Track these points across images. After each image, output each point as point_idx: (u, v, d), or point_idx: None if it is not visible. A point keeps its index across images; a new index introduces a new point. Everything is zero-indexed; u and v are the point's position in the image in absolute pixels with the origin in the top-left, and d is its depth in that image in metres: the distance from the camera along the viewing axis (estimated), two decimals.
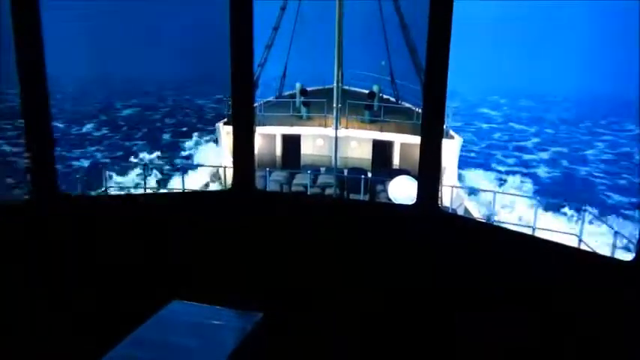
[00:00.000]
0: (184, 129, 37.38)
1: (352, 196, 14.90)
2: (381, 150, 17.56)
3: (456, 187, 15.16)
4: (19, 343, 3.88)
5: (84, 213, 4.50)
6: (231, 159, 4.66)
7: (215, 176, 17.20)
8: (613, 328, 3.58)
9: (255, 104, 17.07)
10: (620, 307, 3.55)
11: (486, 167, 30.44)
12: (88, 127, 37.77)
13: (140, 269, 4.35)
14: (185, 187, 13.09)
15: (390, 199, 14.02)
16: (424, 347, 4.03)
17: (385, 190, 14.88)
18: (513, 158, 34.26)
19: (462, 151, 17.87)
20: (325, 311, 4.19)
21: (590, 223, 12.60)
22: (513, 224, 11.22)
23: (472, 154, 33.06)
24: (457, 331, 4.00)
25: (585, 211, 10.75)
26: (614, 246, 8.06)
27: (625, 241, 8.04)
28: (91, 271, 4.29)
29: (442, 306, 4.10)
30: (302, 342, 3.96)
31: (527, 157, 34.86)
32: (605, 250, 6.85)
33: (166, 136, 35.90)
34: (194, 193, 12.11)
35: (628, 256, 3.65)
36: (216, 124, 18.63)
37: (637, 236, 3.41)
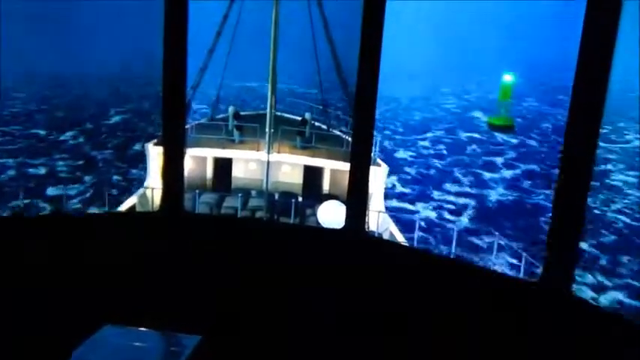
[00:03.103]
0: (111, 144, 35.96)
1: (282, 220, 14.99)
2: (312, 175, 17.86)
3: (382, 212, 15.68)
4: None
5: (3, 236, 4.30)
6: (160, 180, 4.64)
7: (142, 197, 16.69)
8: (520, 347, 3.89)
9: (187, 126, 16.87)
10: (528, 327, 3.88)
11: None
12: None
13: (62, 294, 4.19)
14: (110, 208, 12.61)
15: (319, 223, 14.26)
16: None
17: (315, 214, 15.13)
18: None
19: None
20: (255, 334, 4.23)
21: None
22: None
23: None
24: (380, 356, 4.15)
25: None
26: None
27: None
28: (13, 297, 4.09)
29: (367, 329, 4.25)
30: None
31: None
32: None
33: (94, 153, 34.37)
34: (120, 213, 11.71)
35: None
36: (145, 145, 18.18)
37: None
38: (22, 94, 48.19)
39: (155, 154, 17.11)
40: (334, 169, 17.34)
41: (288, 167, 17.74)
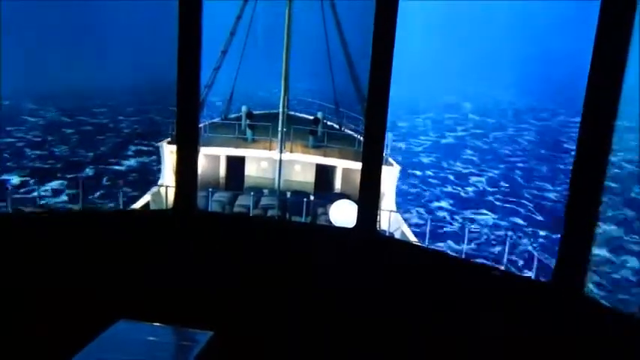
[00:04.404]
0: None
1: (294, 219, 15.04)
2: (324, 174, 17.90)
3: (394, 211, 15.65)
4: None
5: (10, 230, 4.37)
6: (174, 178, 4.70)
7: (156, 195, 16.86)
8: (532, 346, 3.88)
9: (201, 125, 16.99)
10: (539, 326, 3.87)
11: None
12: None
13: (77, 290, 4.27)
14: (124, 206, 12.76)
15: (330, 222, 14.29)
16: None
17: (326, 213, 15.17)
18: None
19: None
20: (266, 331, 4.27)
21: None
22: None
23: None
24: (391, 354, 4.16)
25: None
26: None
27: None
28: (22, 294, 4.16)
29: (377, 328, 4.26)
30: None
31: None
32: None
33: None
34: (133, 211, 11.84)
35: None
36: (160, 143, 18.36)
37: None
38: (35, 118, 40.79)
39: (169, 153, 17.28)
40: (346, 168, 17.37)
41: (300, 166, 17.79)
